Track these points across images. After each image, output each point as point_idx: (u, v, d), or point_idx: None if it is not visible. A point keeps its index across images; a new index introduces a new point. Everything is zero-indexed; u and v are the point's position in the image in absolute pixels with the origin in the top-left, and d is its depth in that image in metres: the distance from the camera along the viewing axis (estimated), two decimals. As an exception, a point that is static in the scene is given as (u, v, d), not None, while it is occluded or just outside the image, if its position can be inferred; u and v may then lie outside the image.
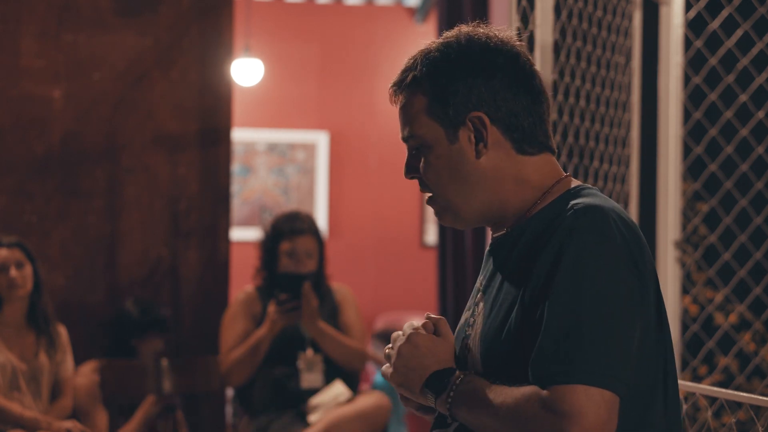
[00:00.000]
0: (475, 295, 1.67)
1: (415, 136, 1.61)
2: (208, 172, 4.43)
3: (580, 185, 1.61)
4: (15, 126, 4.24)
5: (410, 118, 1.62)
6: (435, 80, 1.59)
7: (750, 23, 3.48)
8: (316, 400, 3.77)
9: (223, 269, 4.44)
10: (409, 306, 7.30)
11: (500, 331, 1.53)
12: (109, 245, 4.31)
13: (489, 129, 1.58)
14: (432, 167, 1.61)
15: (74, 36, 4.30)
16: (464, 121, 1.58)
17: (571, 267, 1.45)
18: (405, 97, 1.62)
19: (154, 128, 4.38)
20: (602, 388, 1.39)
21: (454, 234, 5.18)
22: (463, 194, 1.60)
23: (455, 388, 1.53)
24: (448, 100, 1.58)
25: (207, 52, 4.44)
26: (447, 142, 1.59)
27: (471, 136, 1.58)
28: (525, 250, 1.55)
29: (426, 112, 1.60)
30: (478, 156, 1.58)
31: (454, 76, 1.58)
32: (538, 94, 1.61)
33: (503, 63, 1.59)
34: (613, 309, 1.43)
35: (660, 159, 3.43)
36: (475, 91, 1.57)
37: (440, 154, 1.60)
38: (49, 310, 3.73)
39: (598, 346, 1.40)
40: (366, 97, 7.39)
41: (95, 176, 4.31)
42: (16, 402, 3.55)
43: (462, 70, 1.58)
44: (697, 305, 3.72)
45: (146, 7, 4.38)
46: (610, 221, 1.48)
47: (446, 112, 1.58)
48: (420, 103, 1.60)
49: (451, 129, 1.59)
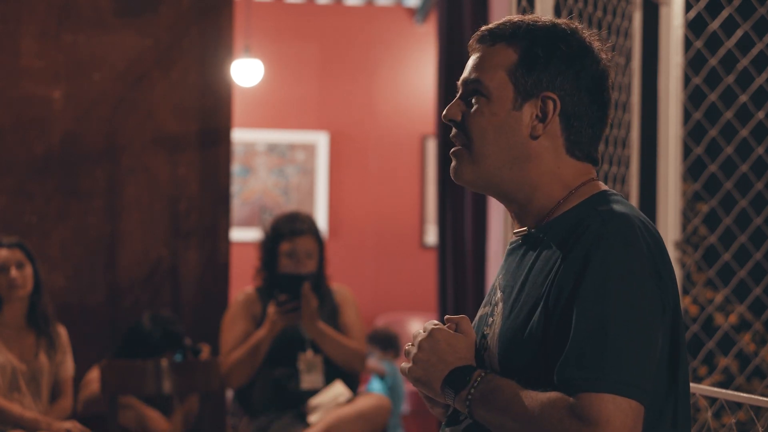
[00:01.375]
0: (493, 293, 1.66)
1: (483, 83, 1.60)
2: (208, 173, 4.43)
3: (607, 190, 1.61)
4: (15, 126, 4.24)
5: (486, 66, 1.60)
6: (535, 45, 1.59)
7: (750, 23, 3.48)
8: (316, 400, 3.77)
9: (223, 270, 4.44)
10: (409, 306, 7.30)
11: (520, 332, 1.52)
12: (109, 245, 4.31)
13: (553, 116, 1.58)
14: (482, 118, 1.59)
15: (74, 36, 4.30)
16: (537, 95, 1.58)
17: (598, 275, 1.45)
18: (492, 46, 1.61)
19: (154, 128, 4.38)
20: (629, 398, 1.40)
21: (454, 234, 5.18)
22: (498, 158, 1.59)
23: (476, 386, 1.52)
24: (536, 69, 1.58)
25: (207, 53, 4.44)
26: (510, 106, 1.59)
27: (536, 113, 1.58)
28: (549, 252, 1.54)
29: (507, 69, 1.59)
30: (533, 134, 1.58)
31: (553, 54, 1.58)
32: (606, 114, 1.63)
33: (596, 72, 1.60)
34: (638, 318, 1.44)
35: (660, 159, 3.43)
36: (561, 77, 1.58)
37: (497, 111, 1.59)
38: (49, 310, 3.73)
39: (626, 356, 1.41)
40: (366, 97, 7.39)
41: (95, 176, 4.31)
42: (16, 402, 3.55)
43: (561, 52, 1.59)
44: (697, 306, 3.72)
45: (146, 7, 4.38)
46: (636, 230, 1.49)
47: (527, 79, 1.58)
48: (506, 58, 1.60)
49: (521, 96, 1.58)
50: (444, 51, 5.11)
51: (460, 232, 5.13)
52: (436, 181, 5.33)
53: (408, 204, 7.44)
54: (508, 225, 3.04)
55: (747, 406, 2.81)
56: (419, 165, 7.44)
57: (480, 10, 4.81)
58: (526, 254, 1.60)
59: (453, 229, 5.14)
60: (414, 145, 7.43)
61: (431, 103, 6.88)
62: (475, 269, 5.01)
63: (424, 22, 7.39)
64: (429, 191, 7.36)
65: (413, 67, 7.40)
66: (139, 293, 4.31)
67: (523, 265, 1.59)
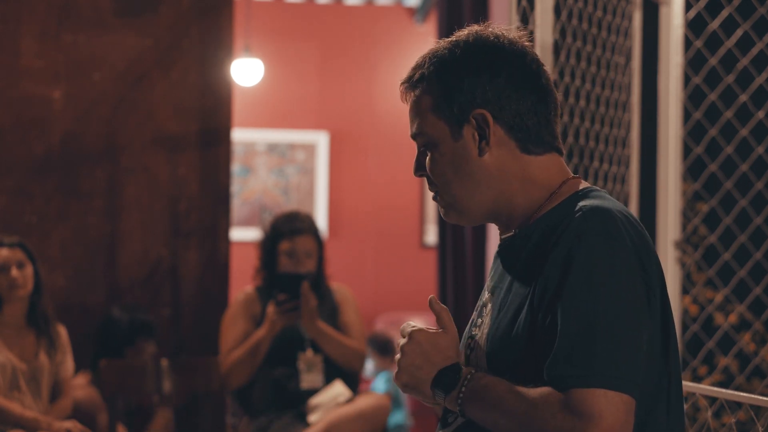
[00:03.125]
0: (482, 295, 1.68)
1: (423, 133, 1.64)
2: (208, 173, 4.43)
3: (588, 187, 1.61)
4: (15, 126, 4.24)
5: (418, 116, 1.64)
6: (441, 78, 1.61)
7: (750, 23, 3.48)
8: (316, 400, 3.77)
9: (223, 269, 4.44)
10: (409, 306, 7.29)
11: (508, 332, 1.53)
12: (109, 245, 4.32)
13: (492, 127, 1.58)
14: (437, 164, 1.63)
15: (74, 36, 4.30)
16: (468, 119, 1.59)
17: (582, 271, 1.46)
18: (414, 95, 1.64)
19: (154, 128, 4.38)
20: (620, 392, 1.41)
21: (454, 234, 5.18)
22: (467, 191, 1.61)
23: (466, 384, 1.53)
24: (453, 98, 1.59)
25: (207, 53, 4.44)
26: (451, 140, 1.60)
27: (474, 133, 1.59)
28: (533, 252, 1.55)
29: (432, 110, 1.61)
30: (481, 154, 1.59)
31: (460, 74, 1.59)
32: (544, 94, 1.60)
33: (509, 62, 1.59)
34: (625, 312, 1.45)
35: (660, 159, 3.43)
36: (480, 89, 1.58)
37: (445, 151, 1.61)
38: (49, 310, 3.73)
39: (615, 350, 1.42)
40: (366, 97, 7.39)
41: (95, 176, 4.31)
42: (16, 402, 3.55)
43: (467, 67, 1.59)
44: (697, 305, 3.72)
45: (146, 8, 4.38)
46: (618, 224, 1.49)
47: (451, 110, 1.59)
48: (427, 101, 1.62)
49: (455, 126, 1.60)
50: (444, 51, 5.09)
51: (460, 232, 5.13)
52: (436, 181, 5.33)
53: (408, 204, 7.44)
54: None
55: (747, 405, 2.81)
56: (419, 165, 7.44)
57: (480, 10, 4.81)
58: (513, 256, 1.61)
59: (453, 229, 5.14)
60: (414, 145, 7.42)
61: (431, 103, 6.87)
62: (475, 269, 5.01)
63: (424, 22, 7.39)
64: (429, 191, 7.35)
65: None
66: (139, 293, 4.31)
67: (509, 266, 1.61)
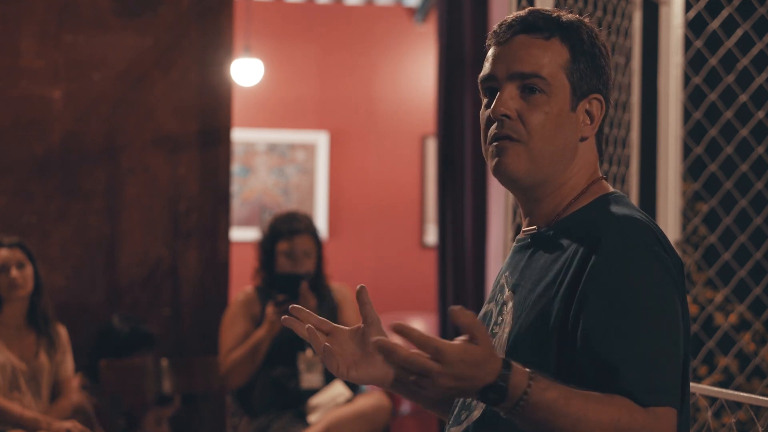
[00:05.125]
0: (498, 289, 1.64)
1: (545, 80, 1.55)
2: (208, 173, 4.43)
3: (614, 192, 1.61)
4: (15, 126, 4.24)
5: (545, 62, 1.56)
6: (581, 44, 1.58)
7: (750, 23, 3.48)
8: (316, 400, 3.77)
9: (222, 269, 4.44)
10: (409, 306, 7.29)
11: (531, 334, 1.50)
12: (109, 245, 4.31)
13: (600, 117, 1.60)
14: (546, 115, 1.55)
15: (74, 36, 4.30)
16: (587, 97, 1.58)
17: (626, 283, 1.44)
18: (548, 39, 1.57)
19: (154, 128, 4.38)
20: (669, 406, 1.43)
21: (454, 234, 5.18)
22: (552, 156, 1.57)
23: (525, 398, 1.36)
24: (585, 69, 1.57)
25: (207, 53, 4.44)
26: (568, 106, 1.57)
27: (586, 112, 1.59)
28: (561, 252, 1.53)
29: (564, 67, 1.57)
30: (583, 136, 1.59)
31: (594, 53, 1.58)
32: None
33: (610, 71, 1.64)
34: (669, 326, 1.45)
35: (660, 159, 3.43)
36: (604, 78, 1.60)
37: (557, 111, 1.56)
38: (49, 310, 3.73)
39: (663, 366, 1.43)
40: (366, 97, 7.39)
41: (95, 176, 4.31)
42: (16, 402, 3.55)
43: (599, 51, 1.59)
44: (697, 305, 3.72)
45: (146, 8, 4.38)
46: (653, 236, 1.49)
47: (581, 79, 1.57)
48: (561, 56, 1.57)
49: (576, 97, 1.57)
50: (444, 51, 5.10)
51: (460, 231, 5.13)
52: (436, 181, 5.33)
53: (408, 203, 7.44)
54: (508, 225, 3.04)
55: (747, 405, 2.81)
56: (419, 165, 7.44)
57: (480, 10, 4.81)
58: (536, 253, 1.58)
59: (453, 228, 5.14)
60: (414, 145, 7.43)
61: (431, 103, 6.87)
62: (475, 269, 5.01)
63: (424, 22, 7.39)
64: (429, 191, 7.36)
65: (413, 67, 7.40)
66: (139, 293, 4.31)
67: (534, 265, 1.57)
